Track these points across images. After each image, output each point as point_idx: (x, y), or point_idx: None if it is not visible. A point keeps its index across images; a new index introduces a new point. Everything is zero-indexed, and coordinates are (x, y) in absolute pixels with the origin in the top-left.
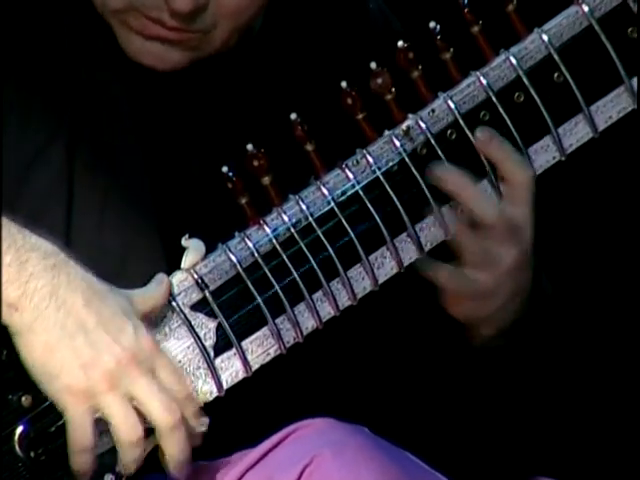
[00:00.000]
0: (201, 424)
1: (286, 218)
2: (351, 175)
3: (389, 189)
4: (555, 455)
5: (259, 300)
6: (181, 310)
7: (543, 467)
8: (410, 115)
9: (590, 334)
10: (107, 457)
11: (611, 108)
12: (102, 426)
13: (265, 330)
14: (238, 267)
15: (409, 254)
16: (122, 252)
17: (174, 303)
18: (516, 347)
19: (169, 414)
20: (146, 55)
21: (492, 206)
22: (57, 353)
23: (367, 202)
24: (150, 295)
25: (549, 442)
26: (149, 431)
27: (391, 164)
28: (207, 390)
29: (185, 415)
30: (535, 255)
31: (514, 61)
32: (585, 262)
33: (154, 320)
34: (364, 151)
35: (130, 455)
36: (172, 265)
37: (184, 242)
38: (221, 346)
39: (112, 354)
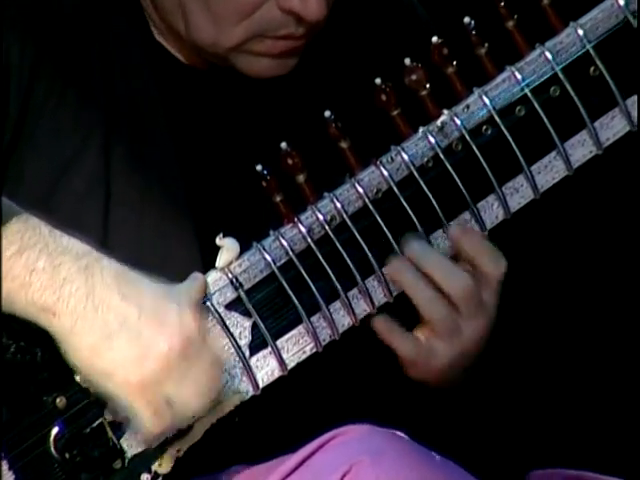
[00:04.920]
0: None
1: (320, 216)
2: (386, 172)
3: (424, 185)
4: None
5: (294, 298)
6: (216, 309)
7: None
8: (445, 111)
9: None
10: (143, 457)
11: None
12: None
13: (300, 328)
14: (272, 266)
15: (444, 251)
16: (159, 252)
17: (209, 302)
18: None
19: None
20: (271, 70)
21: (462, 282)
22: (105, 353)
23: (402, 199)
24: (186, 291)
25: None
26: (182, 432)
27: (426, 160)
28: (243, 389)
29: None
30: None
31: (549, 55)
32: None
33: None
34: (399, 148)
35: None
36: (208, 265)
37: (218, 241)
38: (256, 345)
39: (161, 343)
